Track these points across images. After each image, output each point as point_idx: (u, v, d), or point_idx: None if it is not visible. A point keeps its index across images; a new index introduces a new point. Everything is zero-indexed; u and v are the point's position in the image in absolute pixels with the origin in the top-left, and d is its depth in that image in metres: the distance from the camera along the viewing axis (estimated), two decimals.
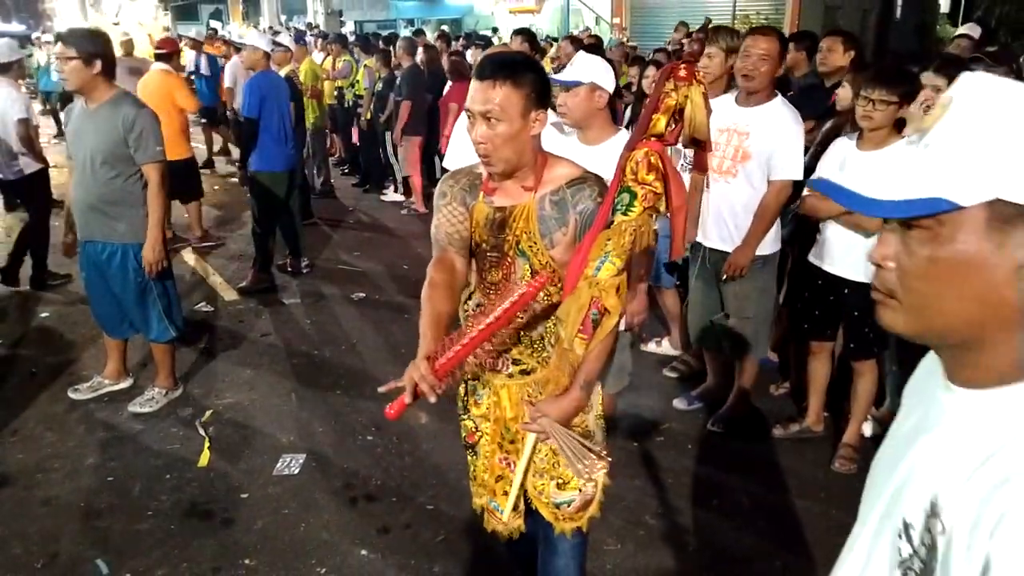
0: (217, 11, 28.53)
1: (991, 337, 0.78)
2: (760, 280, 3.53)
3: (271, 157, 5.62)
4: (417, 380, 1.65)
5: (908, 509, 0.82)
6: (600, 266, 1.74)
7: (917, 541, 0.79)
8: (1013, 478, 0.70)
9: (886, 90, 2.94)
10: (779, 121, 3.31)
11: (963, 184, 0.73)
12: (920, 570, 0.79)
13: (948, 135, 0.76)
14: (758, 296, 3.56)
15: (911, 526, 0.80)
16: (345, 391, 4.16)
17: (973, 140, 0.74)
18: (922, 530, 0.78)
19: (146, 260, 3.64)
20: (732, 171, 3.39)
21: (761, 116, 3.33)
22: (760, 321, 3.62)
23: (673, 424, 3.82)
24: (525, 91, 1.80)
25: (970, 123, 0.75)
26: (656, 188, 1.79)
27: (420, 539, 2.99)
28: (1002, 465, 0.72)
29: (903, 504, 0.83)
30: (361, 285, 5.86)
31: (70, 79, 3.49)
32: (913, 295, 0.80)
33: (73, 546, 2.96)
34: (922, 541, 0.78)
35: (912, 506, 0.81)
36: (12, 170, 5.34)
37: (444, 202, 2.02)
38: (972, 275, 0.75)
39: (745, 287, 3.52)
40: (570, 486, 2.05)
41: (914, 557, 0.80)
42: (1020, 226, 0.73)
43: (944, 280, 0.77)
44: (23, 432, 3.76)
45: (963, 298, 0.77)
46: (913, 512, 0.80)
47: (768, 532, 3.03)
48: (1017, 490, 0.69)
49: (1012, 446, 0.73)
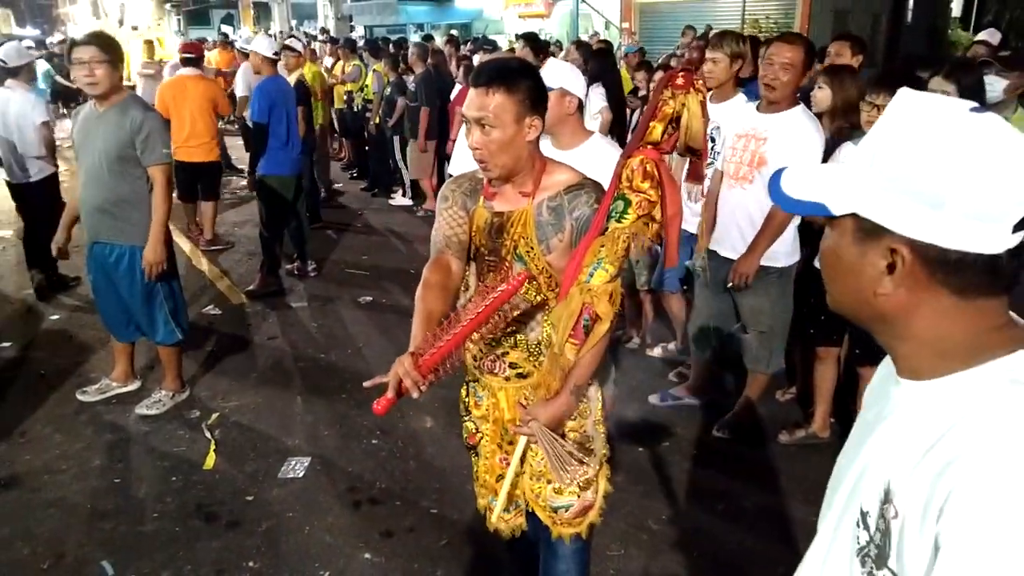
0: (229, 16, 28.74)
1: (888, 330, 0.87)
2: (775, 293, 3.47)
3: (279, 161, 5.66)
4: (401, 375, 1.65)
5: (864, 498, 0.86)
6: (593, 272, 1.75)
7: (873, 528, 0.83)
8: (955, 462, 0.75)
9: (890, 95, 2.92)
10: (798, 128, 3.24)
11: (837, 194, 0.85)
12: (876, 555, 0.82)
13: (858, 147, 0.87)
14: (772, 309, 3.51)
15: (867, 514, 0.85)
16: (351, 395, 4.17)
17: (859, 156, 0.85)
18: (877, 517, 0.83)
19: (146, 261, 3.66)
20: (749, 177, 3.35)
21: (781, 123, 3.28)
22: (775, 335, 3.58)
23: (678, 429, 3.82)
24: (519, 98, 1.82)
25: (866, 139, 0.85)
26: (651, 196, 1.79)
27: (423, 543, 3.00)
28: (945, 450, 0.77)
29: (860, 494, 0.87)
30: (368, 289, 5.88)
31: (101, 83, 3.51)
32: (825, 278, 0.94)
33: (79, 547, 2.98)
34: (877, 527, 0.83)
35: (868, 495, 0.85)
36: (28, 174, 5.32)
37: (445, 206, 2.05)
38: (845, 273, 0.88)
39: (760, 300, 3.48)
40: (568, 491, 2.06)
41: (870, 544, 0.83)
42: (878, 241, 0.82)
43: (832, 270, 0.91)
44: (31, 433, 3.79)
45: (845, 291, 0.90)
46: (869, 500, 0.85)
47: (773, 538, 3.02)
48: (960, 473, 0.74)
49: (953, 432, 0.77)
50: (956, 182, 0.76)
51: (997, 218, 0.77)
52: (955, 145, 0.77)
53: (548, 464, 1.92)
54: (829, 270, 0.92)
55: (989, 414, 0.77)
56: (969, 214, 0.77)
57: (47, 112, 5.46)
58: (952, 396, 0.81)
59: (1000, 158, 0.76)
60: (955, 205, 0.77)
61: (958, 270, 0.79)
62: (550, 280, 1.93)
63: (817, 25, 14.06)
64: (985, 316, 0.82)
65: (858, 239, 0.84)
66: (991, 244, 0.77)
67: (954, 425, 0.78)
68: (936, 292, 0.82)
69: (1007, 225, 0.77)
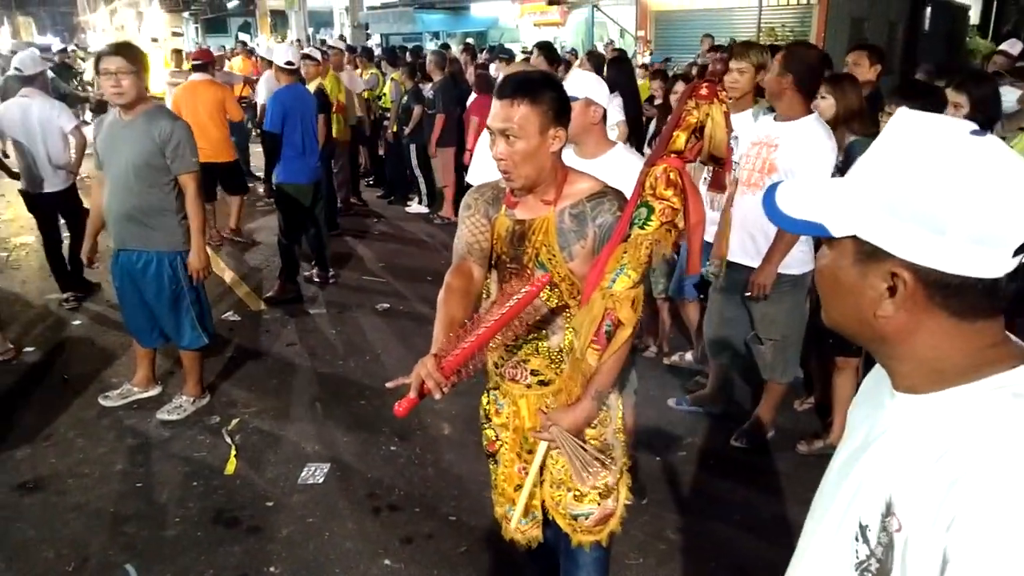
0: (246, 24, 29.01)
1: (888, 350, 0.88)
2: (788, 302, 3.47)
3: (295, 170, 5.70)
4: (424, 377, 1.67)
5: (864, 512, 0.86)
6: (615, 278, 1.77)
7: (874, 542, 0.83)
8: (964, 475, 0.75)
9: (907, 106, 2.92)
10: (809, 135, 3.26)
11: (837, 216, 0.84)
12: (876, 570, 0.83)
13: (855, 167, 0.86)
14: (786, 318, 3.51)
15: (867, 528, 0.85)
16: (369, 401, 4.20)
17: (858, 177, 0.84)
18: (879, 530, 0.83)
19: (192, 267, 3.76)
20: (759, 184, 3.37)
21: (792, 130, 3.29)
22: (789, 344, 3.58)
23: (695, 439, 3.82)
24: (543, 109, 1.85)
25: (865, 160, 0.84)
26: (674, 204, 1.81)
27: (442, 549, 3.01)
28: (952, 463, 0.77)
29: (858, 507, 0.87)
30: (386, 296, 5.92)
31: (127, 93, 3.56)
32: (821, 297, 0.93)
33: (103, 551, 3.02)
34: (879, 541, 0.83)
35: (867, 508, 0.85)
36: (53, 182, 5.32)
37: (468, 214, 2.07)
38: (844, 294, 0.87)
39: (772, 309, 3.48)
40: (588, 499, 2.07)
41: (871, 557, 0.84)
42: (878, 263, 0.82)
43: (830, 290, 0.90)
44: (55, 437, 3.84)
45: (842, 312, 0.90)
46: (869, 514, 0.85)
47: (791, 549, 3.00)
48: (968, 486, 0.74)
49: (959, 445, 0.78)
50: (958, 208, 0.76)
51: (999, 243, 0.77)
52: (957, 170, 0.77)
53: (570, 468, 1.93)
54: (827, 290, 0.91)
55: (995, 427, 0.77)
56: (971, 239, 0.77)
57: (74, 116, 5.51)
58: (954, 409, 0.82)
59: (1002, 183, 0.76)
60: (957, 231, 0.77)
61: (958, 293, 0.80)
62: (572, 287, 1.95)
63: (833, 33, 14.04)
64: (983, 335, 0.83)
65: (858, 261, 0.84)
66: (992, 269, 0.78)
67: (959, 438, 0.78)
68: (935, 314, 0.82)
69: (1008, 250, 0.77)
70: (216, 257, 6.91)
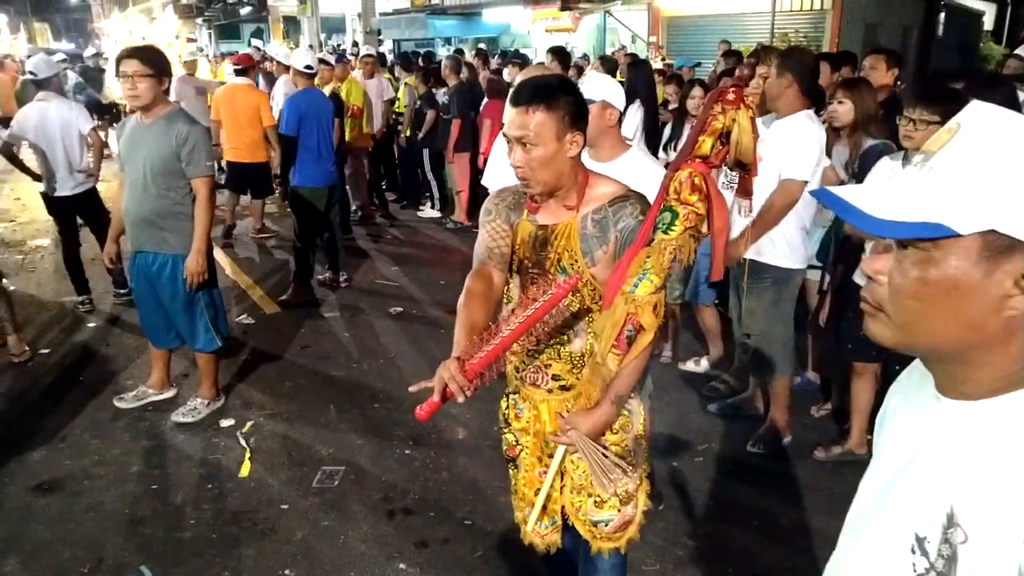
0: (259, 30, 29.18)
1: (976, 356, 0.80)
2: (768, 297, 3.50)
3: (311, 174, 5.72)
4: (447, 380, 1.66)
5: (921, 523, 0.82)
6: (638, 283, 1.75)
7: (934, 554, 0.80)
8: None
9: (928, 110, 2.90)
10: (794, 127, 3.34)
11: (962, 212, 0.75)
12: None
13: (952, 161, 0.78)
14: (764, 314, 3.53)
15: (926, 539, 0.81)
16: (383, 404, 4.19)
17: (976, 170, 0.76)
18: (940, 542, 0.79)
19: (188, 270, 3.73)
20: None
21: (780, 125, 3.38)
22: (769, 340, 3.57)
23: (713, 444, 3.79)
24: (559, 115, 1.83)
25: (974, 152, 0.77)
26: (698, 209, 1.79)
27: (458, 554, 3.00)
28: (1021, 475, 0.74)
29: (914, 519, 0.84)
30: (399, 299, 5.91)
31: (143, 95, 3.58)
32: (902, 312, 0.83)
33: (118, 552, 3.02)
34: (940, 553, 0.79)
35: (925, 520, 0.82)
36: (72, 185, 5.32)
37: (489, 219, 2.06)
38: (960, 299, 0.78)
39: (753, 303, 3.52)
40: (608, 505, 2.05)
41: (930, 570, 0.80)
42: (1010, 257, 0.75)
43: (932, 301, 0.80)
44: (71, 439, 3.85)
45: (949, 320, 0.80)
46: (927, 526, 0.81)
47: (809, 556, 2.98)
48: None
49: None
50: None
51: None
52: None
53: (590, 473, 1.91)
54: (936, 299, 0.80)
55: None
56: None
57: (91, 118, 5.54)
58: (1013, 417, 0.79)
59: None
60: None
61: None
62: (594, 292, 1.93)
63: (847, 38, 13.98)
64: None
65: (985, 258, 0.76)
66: None
67: None
68: None
69: None
70: (230, 261, 6.94)
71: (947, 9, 18.01)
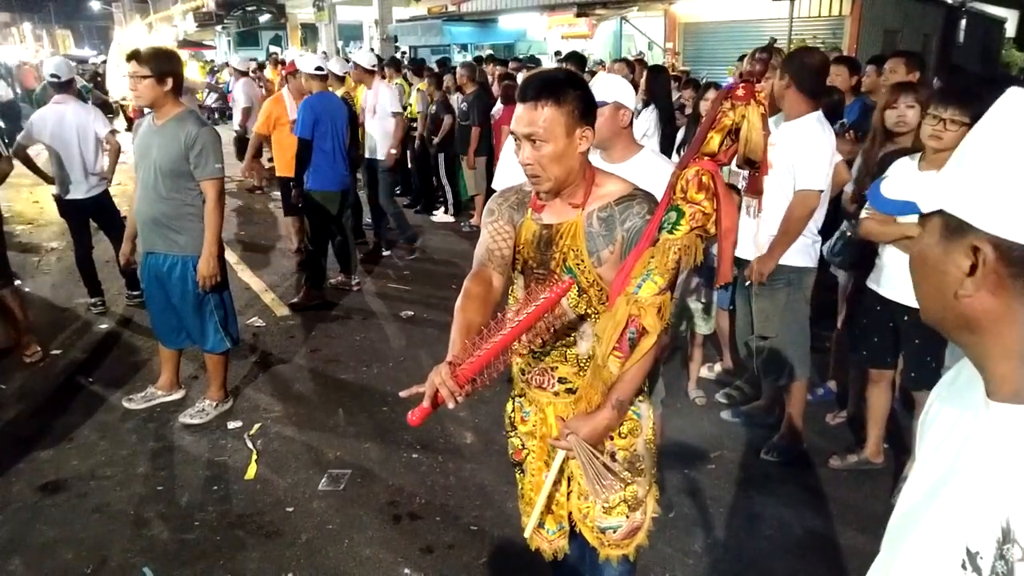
0: (277, 37, 29.42)
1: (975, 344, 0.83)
2: (783, 298, 3.44)
3: (325, 177, 5.71)
4: (438, 385, 1.62)
5: (972, 537, 0.77)
6: (641, 284, 1.69)
7: (987, 570, 0.76)
8: None
9: (959, 109, 2.81)
10: (805, 133, 3.29)
11: (928, 193, 0.84)
12: None
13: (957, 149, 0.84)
14: (781, 315, 3.47)
15: (978, 555, 0.77)
16: (392, 408, 4.16)
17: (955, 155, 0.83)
18: (994, 558, 0.75)
19: (200, 274, 3.72)
20: None
21: (790, 128, 3.33)
22: (787, 342, 3.51)
23: (725, 452, 3.72)
24: (568, 109, 1.78)
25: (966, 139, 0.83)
26: (705, 208, 1.73)
27: (463, 559, 2.95)
28: None
29: (963, 532, 0.79)
30: (410, 304, 5.89)
31: (143, 96, 3.59)
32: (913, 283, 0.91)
33: (122, 553, 3.00)
34: (994, 570, 0.75)
35: (977, 533, 0.77)
36: (86, 188, 5.33)
37: (491, 219, 2.01)
38: (931, 275, 0.85)
39: (767, 305, 3.46)
40: (616, 511, 2.00)
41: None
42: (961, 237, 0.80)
43: (918, 273, 0.88)
44: (78, 439, 3.84)
45: (929, 296, 0.87)
46: (979, 540, 0.77)
47: (823, 567, 2.91)
48: None
49: None
50: None
51: None
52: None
53: (583, 479, 1.86)
54: (916, 274, 0.89)
55: None
56: None
57: (108, 122, 5.57)
58: None
59: None
60: None
61: None
62: (600, 293, 1.88)
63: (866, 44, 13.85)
64: None
65: (943, 237, 0.82)
66: None
67: None
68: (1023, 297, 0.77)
69: None
70: (243, 264, 6.95)
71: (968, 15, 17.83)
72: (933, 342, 3.19)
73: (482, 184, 8.02)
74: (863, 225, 3.22)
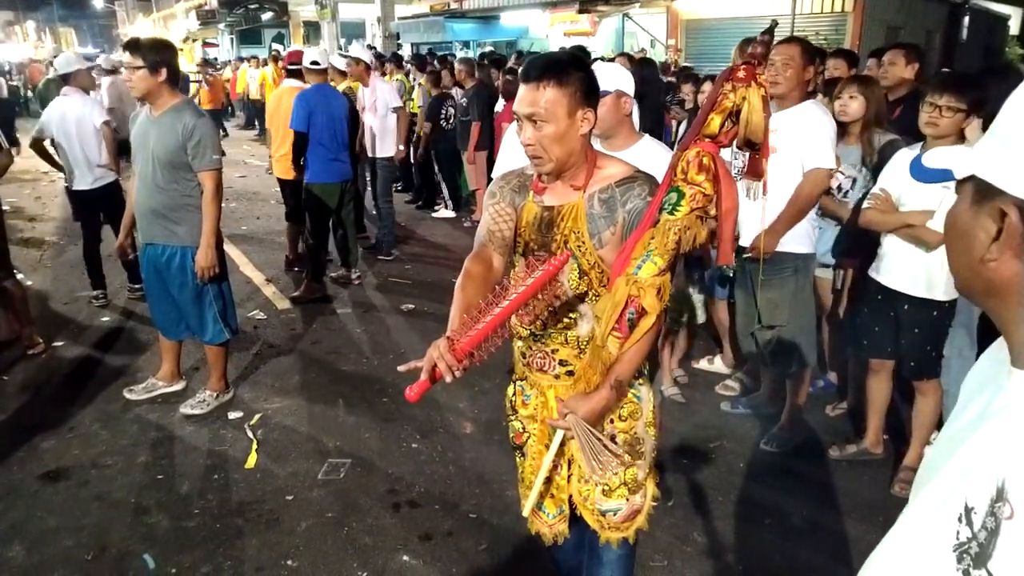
0: (279, 35, 29.41)
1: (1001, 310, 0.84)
2: (791, 285, 3.44)
3: (323, 169, 5.71)
4: (436, 360, 1.62)
5: (971, 493, 0.79)
6: (641, 264, 1.70)
7: (978, 525, 0.77)
8: None
9: (954, 96, 2.81)
10: (807, 116, 3.31)
11: (964, 160, 0.84)
12: (976, 554, 0.77)
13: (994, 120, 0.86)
14: (791, 303, 3.47)
15: (973, 510, 0.78)
16: (392, 399, 4.16)
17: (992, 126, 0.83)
18: (985, 514, 0.77)
19: (198, 265, 3.73)
20: None
21: (790, 115, 3.33)
22: (797, 331, 3.50)
23: (725, 442, 3.72)
24: (571, 90, 1.78)
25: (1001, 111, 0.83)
26: (706, 189, 1.74)
27: (462, 547, 2.95)
28: None
29: (966, 487, 0.81)
30: (411, 297, 5.89)
31: (136, 86, 3.60)
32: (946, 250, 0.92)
33: (122, 541, 3.01)
34: (983, 525, 0.76)
35: (976, 490, 0.79)
36: (91, 179, 5.35)
37: (493, 202, 2.02)
38: (961, 238, 0.86)
39: (775, 294, 3.45)
40: (616, 493, 2.00)
41: (972, 541, 0.78)
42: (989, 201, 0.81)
43: (948, 237, 0.90)
44: (79, 429, 3.85)
45: (958, 260, 0.88)
46: (977, 496, 0.78)
47: (822, 555, 2.91)
48: None
49: None
50: None
51: None
52: None
53: (582, 458, 1.86)
54: (947, 238, 0.91)
55: None
56: None
57: (105, 113, 5.58)
58: None
59: None
60: None
61: None
62: (602, 275, 1.88)
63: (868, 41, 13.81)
64: None
65: (974, 202, 0.83)
66: None
67: None
68: None
69: None
70: (244, 257, 6.96)
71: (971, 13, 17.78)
72: (932, 332, 3.19)
73: (483, 180, 8.03)
74: (864, 215, 3.23)
